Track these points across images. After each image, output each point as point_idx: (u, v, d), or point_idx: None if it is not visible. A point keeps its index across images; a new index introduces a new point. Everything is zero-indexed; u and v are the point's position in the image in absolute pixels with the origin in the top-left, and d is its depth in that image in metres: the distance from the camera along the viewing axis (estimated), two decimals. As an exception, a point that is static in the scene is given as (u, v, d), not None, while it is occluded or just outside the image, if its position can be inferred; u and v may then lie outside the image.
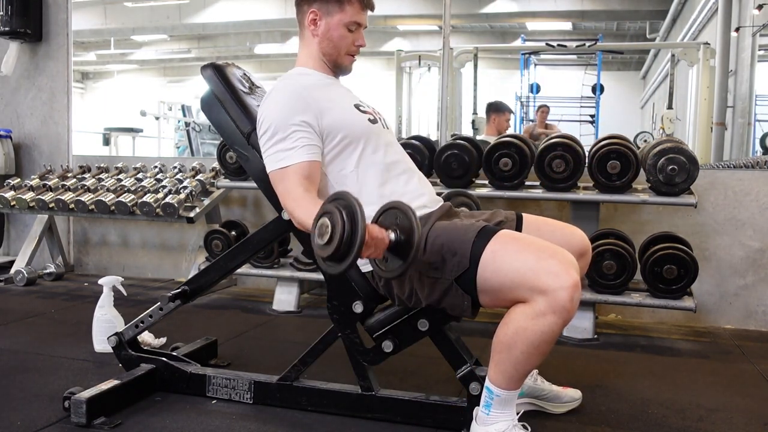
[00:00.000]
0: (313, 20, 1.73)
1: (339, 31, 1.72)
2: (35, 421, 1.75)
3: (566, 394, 1.89)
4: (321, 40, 1.74)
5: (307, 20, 1.74)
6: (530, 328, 1.43)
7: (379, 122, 1.77)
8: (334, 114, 1.67)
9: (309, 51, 1.77)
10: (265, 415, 1.83)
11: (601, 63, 7.91)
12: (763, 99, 7.17)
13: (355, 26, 1.73)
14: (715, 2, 6.95)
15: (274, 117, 1.63)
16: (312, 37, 1.75)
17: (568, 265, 1.44)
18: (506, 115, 4.72)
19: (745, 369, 2.40)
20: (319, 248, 1.40)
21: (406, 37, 10.92)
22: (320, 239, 1.39)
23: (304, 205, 1.58)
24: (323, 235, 1.38)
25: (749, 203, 3.01)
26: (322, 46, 1.75)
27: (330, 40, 1.73)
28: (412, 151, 2.90)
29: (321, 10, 1.71)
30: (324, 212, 1.41)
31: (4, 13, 3.92)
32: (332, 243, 1.35)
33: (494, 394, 1.52)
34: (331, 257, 1.37)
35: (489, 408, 1.54)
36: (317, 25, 1.73)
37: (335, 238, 1.35)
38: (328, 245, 1.37)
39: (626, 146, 2.72)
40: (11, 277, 3.64)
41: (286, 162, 1.61)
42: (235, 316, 3.09)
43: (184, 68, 13.42)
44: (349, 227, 1.34)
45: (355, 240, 1.34)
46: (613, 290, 2.66)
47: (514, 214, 1.79)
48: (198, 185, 3.45)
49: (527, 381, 1.83)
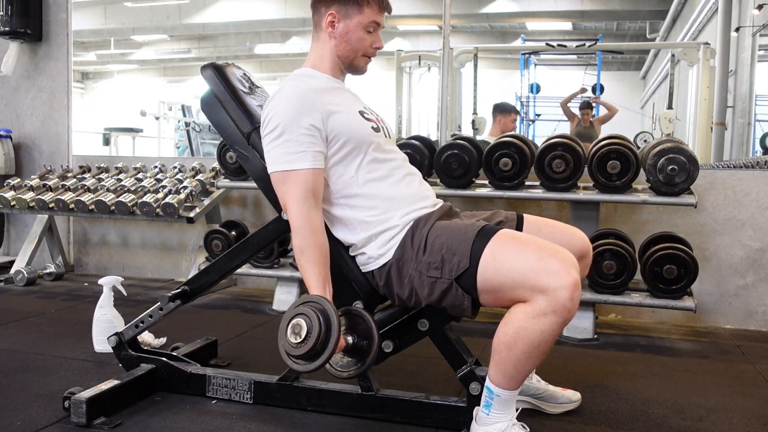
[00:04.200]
0: (331, 22, 1.71)
1: (358, 33, 1.71)
2: (35, 421, 1.75)
3: (563, 395, 1.89)
4: (338, 43, 1.73)
5: (324, 22, 1.72)
6: (531, 327, 1.43)
7: (382, 131, 1.76)
8: (340, 118, 1.66)
9: (322, 52, 1.76)
10: (265, 415, 1.83)
11: (601, 63, 7.90)
12: (763, 99, 7.17)
13: (374, 27, 1.72)
14: (715, 2, 6.95)
15: (282, 117, 1.62)
16: (329, 38, 1.73)
17: (569, 265, 1.44)
18: (512, 116, 4.71)
19: (745, 369, 2.40)
20: (291, 347, 1.47)
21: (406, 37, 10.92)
22: (293, 338, 1.47)
23: (304, 214, 1.60)
24: (297, 334, 1.46)
25: (749, 203, 3.01)
26: (339, 48, 1.73)
27: (348, 42, 1.72)
28: (412, 151, 2.90)
29: (340, 12, 1.70)
30: (298, 313, 1.48)
31: (4, 13, 3.93)
32: (306, 344, 1.45)
33: (494, 394, 1.52)
34: (302, 356, 1.46)
35: (489, 408, 1.54)
36: (335, 27, 1.71)
37: (310, 339, 1.44)
38: (302, 345, 1.45)
39: (626, 146, 2.72)
40: (11, 277, 3.64)
41: (292, 166, 1.60)
42: (235, 316, 3.09)
43: (184, 68, 13.42)
44: (324, 332, 1.44)
45: (330, 344, 1.44)
46: (613, 290, 2.66)
47: (514, 214, 1.79)
48: (198, 185, 3.45)
49: None
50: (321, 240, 1.61)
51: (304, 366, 1.48)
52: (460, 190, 2.91)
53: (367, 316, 1.57)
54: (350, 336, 1.55)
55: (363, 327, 1.56)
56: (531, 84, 8.29)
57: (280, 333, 1.50)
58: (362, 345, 1.55)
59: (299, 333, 1.45)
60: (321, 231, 1.62)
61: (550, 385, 1.89)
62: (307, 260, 1.58)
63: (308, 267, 1.58)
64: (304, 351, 1.45)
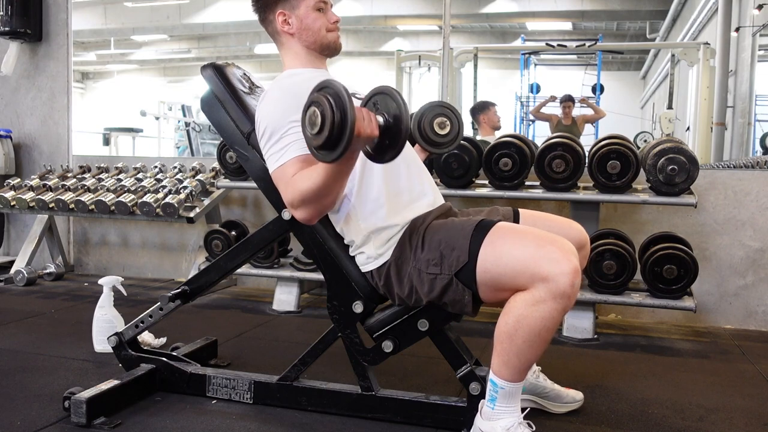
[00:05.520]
0: (284, 21, 1.75)
1: (311, 16, 1.74)
2: (35, 421, 1.75)
3: (568, 395, 1.89)
4: (300, 35, 1.75)
5: (278, 24, 1.76)
6: (531, 315, 1.43)
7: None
8: None
9: (293, 52, 1.78)
10: (265, 415, 1.83)
11: (601, 63, 7.91)
12: (763, 99, 7.18)
13: (323, 5, 1.76)
14: (715, 2, 6.95)
15: (270, 118, 1.63)
16: (290, 37, 1.77)
17: (568, 252, 1.44)
18: (492, 110, 4.67)
19: (745, 369, 2.40)
20: (311, 138, 1.37)
21: (406, 37, 10.93)
22: (311, 129, 1.36)
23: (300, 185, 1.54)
24: (314, 124, 1.35)
25: (749, 203, 3.01)
26: (303, 39, 1.76)
27: (308, 29, 1.75)
28: (412, 151, 2.90)
29: (286, 8, 1.74)
30: (311, 102, 1.37)
31: (4, 13, 3.93)
32: (324, 130, 1.33)
33: (498, 387, 1.52)
34: (324, 145, 1.35)
35: (494, 402, 1.53)
36: (290, 23, 1.75)
37: (326, 124, 1.32)
38: (319, 134, 1.34)
39: (626, 146, 2.72)
40: (11, 277, 3.64)
41: (284, 159, 1.60)
42: (235, 316, 3.09)
43: (184, 68, 13.44)
44: (338, 111, 1.31)
45: (347, 123, 1.30)
46: (613, 290, 2.66)
47: (511, 210, 1.79)
48: (198, 185, 3.45)
49: (528, 377, 1.82)
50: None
51: (326, 156, 1.36)
52: (460, 190, 2.91)
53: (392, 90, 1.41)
54: (380, 116, 1.39)
55: (392, 105, 1.39)
56: (531, 84, 8.30)
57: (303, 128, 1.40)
58: (390, 123, 1.39)
59: (315, 122, 1.35)
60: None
61: (556, 385, 1.89)
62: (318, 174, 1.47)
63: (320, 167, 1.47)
64: (323, 140, 1.33)
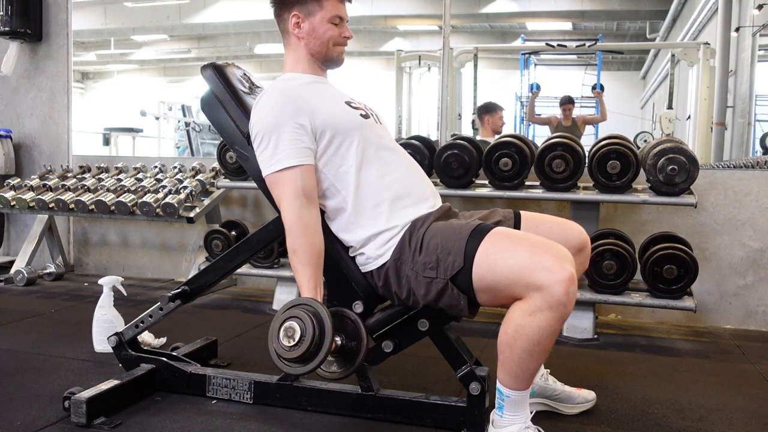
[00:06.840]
0: (296, 23, 1.74)
1: (324, 27, 1.74)
2: (35, 421, 1.75)
3: (579, 395, 1.89)
4: (308, 41, 1.75)
5: (290, 25, 1.75)
6: (528, 325, 1.44)
7: (372, 117, 1.77)
8: (326, 111, 1.67)
9: (297, 55, 1.78)
10: (265, 415, 1.83)
11: (601, 63, 7.91)
12: (763, 99, 7.18)
13: (338, 20, 1.75)
14: (715, 2, 6.95)
15: (264, 122, 1.63)
16: (298, 40, 1.76)
17: (563, 259, 1.44)
18: (498, 114, 4.71)
19: (745, 369, 2.40)
20: (284, 350, 1.48)
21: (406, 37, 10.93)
22: (287, 341, 1.47)
23: (297, 216, 1.60)
24: (291, 338, 1.46)
25: (749, 203, 3.01)
26: (310, 46, 1.76)
27: (317, 38, 1.74)
28: (412, 151, 2.90)
29: (302, 11, 1.74)
30: (291, 316, 1.48)
31: (4, 13, 3.93)
32: (300, 347, 1.45)
33: (504, 395, 1.53)
34: (296, 359, 1.47)
35: (502, 410, 1.55)
36: (301, 27, 1.75)
37: (304, 343, 1.45)
38: (295, 348, 1.46)
39: (626, 146, 2.72)
40: (11, 277, 3.64)
41: (280, 165, 1.60)
42: (235, 316, 3.09)
43: (184, 68, 13.43)
44: (318, 335, 1.45)
45: (324, 346, 1.45)
46: (613, 290, 2.66)
47: (511, 212, 1.78)
48: (198, 185, 3.45)
49: (538, 381, 1.83)
50: (314, 240, 1.60)
51: (296, 369, 1.49)
52: (460, 190, 2.91)
53: (355, 317, 1.57)
54: (338, 337, 1.55)
55: (351, 328, 1.56)
56: (531, 84, 8.29)
57: (271, 336, 1.50)
58: (351, 346, 1.56)
59: (292, 336, 1.46)
60: (315, 230, 1.61)
61: (567, 386, 1.89)
62: (299, 261, 1.58)
63: (300, 268, 1.58)
64: (298, 354, 1.45)
